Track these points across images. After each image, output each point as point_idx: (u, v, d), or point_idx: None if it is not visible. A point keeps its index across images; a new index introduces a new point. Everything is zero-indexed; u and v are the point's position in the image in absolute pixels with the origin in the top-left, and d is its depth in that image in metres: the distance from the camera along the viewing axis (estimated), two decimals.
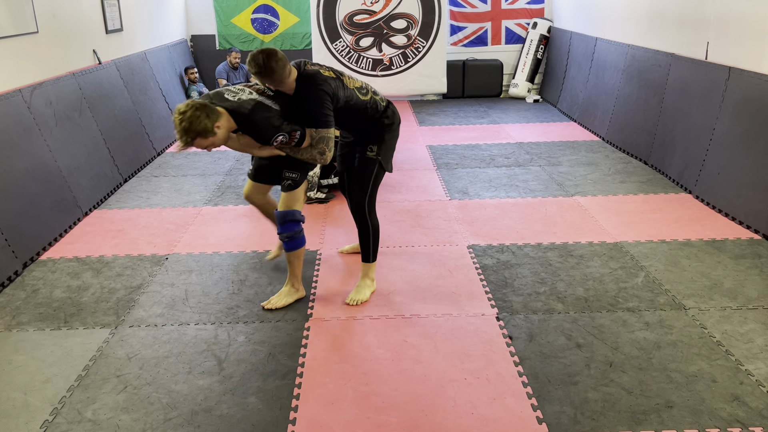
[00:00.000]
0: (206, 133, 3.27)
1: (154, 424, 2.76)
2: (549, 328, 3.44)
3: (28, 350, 3.35)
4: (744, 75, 4.92)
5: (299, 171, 3.62)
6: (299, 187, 3.63)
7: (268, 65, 3.35)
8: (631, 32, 7.07)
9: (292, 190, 3.61)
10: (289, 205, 3.63)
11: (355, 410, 2.82)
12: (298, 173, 3.62)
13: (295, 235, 3.65)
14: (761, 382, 2.93)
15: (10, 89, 4.76)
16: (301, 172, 3.63)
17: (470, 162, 6.67)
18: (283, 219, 3.63)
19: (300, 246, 3.71)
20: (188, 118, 3.22)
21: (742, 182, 4.82)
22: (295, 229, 3.64)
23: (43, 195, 4.79)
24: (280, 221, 3.64)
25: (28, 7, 5.16)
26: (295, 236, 3.66)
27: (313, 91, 3.44)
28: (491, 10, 10.19)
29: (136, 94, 7.11)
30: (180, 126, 3.24)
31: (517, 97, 10.14)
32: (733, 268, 4.09)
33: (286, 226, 3.63)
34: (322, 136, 3.46)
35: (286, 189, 3.62)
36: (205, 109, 3.27)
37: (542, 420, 2.73)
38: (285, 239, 3.66)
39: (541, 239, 4.62)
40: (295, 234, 3.65)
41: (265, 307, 3.70)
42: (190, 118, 3.22)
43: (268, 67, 3.35)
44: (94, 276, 4.20)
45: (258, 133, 3.45)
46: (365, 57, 9.88)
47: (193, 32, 10.21)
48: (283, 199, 3.64)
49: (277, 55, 3.35)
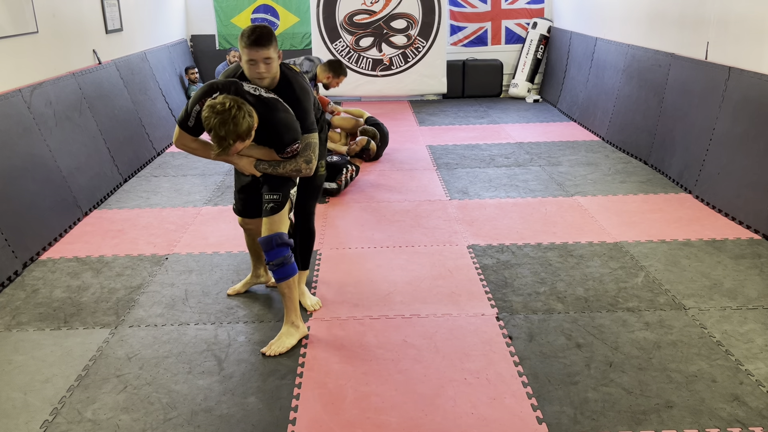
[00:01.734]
0: (248, 135, 2.88)
1: (154, 424, 2.76)
2: (549, 328, 3.44)
3: (28, 350, 3.35)
4: (744, 75, 4.92)
5: (280, 191, 3.21)
6: (283, 209, 3.22)
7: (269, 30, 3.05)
8: (631, 32, 7.07)
9: (274, 213, 3.19)
10: (273, 228, 3.18)
11: (355, 410, 2.82)
12: (279, 194, 3.20)
13: (285, 261, 3.20)
14: (761, 382, 2.93)
15: (10, 89, 4.76)
16: (283, 192, 3.21)
17: (470, 162, 6.67)
18: (270, 244, 3.17)
19: (292, 273, 3.24)
20: (232, 118, 2.80)
21: (742, 182, 4.82)
22: (284, 254, 3.19)
23: (43, 195, 4.78)
24: (267, 247, 3.18)
25: (28, 7, 5.16)
26: (285, 262, 3.20)
27: (299, 90, 3.16)
28: (491, 10, 10.19)
29: (136, 94, 7.11)
30: (224, 128, 2.80)
31: (517, 97, 10.14)
32: (733, 268, 4.09)
33: (274, 252, 3.18)
34: (308, 143, 3.16)
35: (269, 213, 3.19)
36: (245, 107, 2.86)
37: (542, 420, 2.73)
38: (274, 268, 3.20)
39: (541, 239, 4.62)
40: (286, 260, 3.20)
41: (266, 353, 3.24)
42: (235, 118, 2.80)
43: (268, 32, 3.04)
44: (94, 276, 4.20)
45: (277, 137, 3.02)
46: (365, 57, 9.88)
47: (193, 32, 10.21)
48: (266, 224, 3.20)
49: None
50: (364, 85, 9.95)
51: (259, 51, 3.03)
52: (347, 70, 6.07)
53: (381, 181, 6.11)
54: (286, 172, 3.18)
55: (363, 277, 4.10)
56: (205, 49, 10.19)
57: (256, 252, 3.84)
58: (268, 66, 3.07)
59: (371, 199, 5.58)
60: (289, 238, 3.24)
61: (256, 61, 3.05)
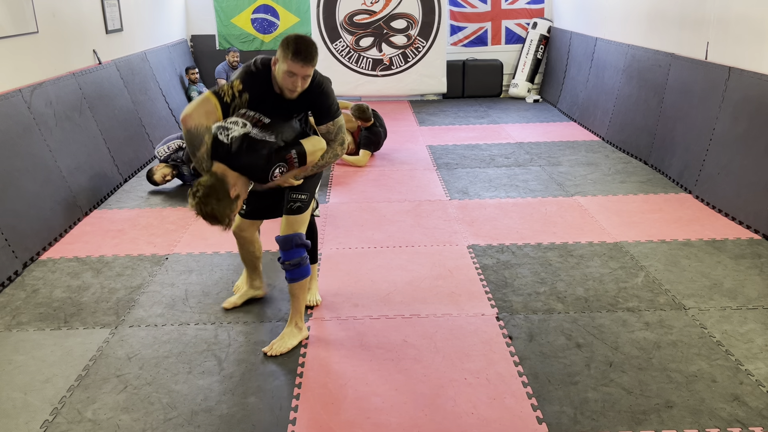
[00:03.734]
0: (226, 217, 2.90)
1: (154, 424, 2.76)
2: (549, 328, 3.44)
3: (28, 350, 3.35)
4: (744, 75, 4.92)
5: (308, 191, 3.20)
6: (307, 210, 3.23)
7: (316, 48, 2.93)
8: (631, 32, 7.07)
9: (299, 213, 3.19)
10: (294, 227, 3.17)
11: (355, 410, 2.82)
12: (308, 194, 3.20)
13: (302, 262, 3.20)
14: (761, 382, 2.93)
15: (10, 89, 4.76)
16: (311, 192, 3.22)
17: (470, 162, 6.67)
18: (289, 244, 3.16)
19: (306, 275, 3.24)
20: (211, 212, 2.86)
21: (742, 182, 4.82)
22: (302, 254, 3.19)
23: (43, 195, 4.79)
24: (286, 246, 3.17)
25: (28, 7, 5.16)
26: (301, 263, 3.20)
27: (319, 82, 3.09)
28: (491, 10, 10.19)
29: (136, 94, 7.11)
30: (210, 219, 2.90)
31: (517, 97, 10.14)
32: (733, 268, 4.09)
33: (292, 251, 3.17)
34: (339, 126, 3.16)
35: (294, 212, 3.19)
36: (216, 192, 2.87)
37: (542, 420, 2.73)
38: (289, 267, 3.20)
39: (541, 239, 4.62)
40: (302, 261, 3.20)
41: (268, 353, 3.25)
42: (213, 210, 2.87)
43: (315, 49, 2.93)
44: (94, 276, 4.20)
45: (252, 175, 3.01)
46: (365, 57, 9.88)
47: (193, 32, 10.21)
48: (288, 222, 3.19)
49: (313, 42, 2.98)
50: (364, 85, 9.96)
51: (304, 67, 2.93)
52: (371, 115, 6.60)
53: (381, 181, 6.11)
54: (326, 162, 3.17)
55: (363, 277, 4.10)
56: (205, 49, 10.19)
57: (251, 263, 3.71)
58: (304, 82, 3.00)
59: (371, 199, 5.58)
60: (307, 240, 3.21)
61: (295, 75, 2.95)
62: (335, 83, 11.09)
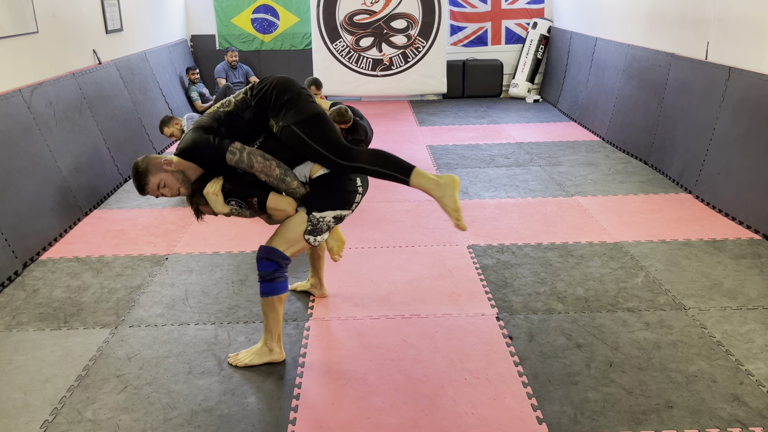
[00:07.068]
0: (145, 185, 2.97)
1: (154, 424, 2.76)
2: (549, 328, 3.44)
3: (28, 350, 3.35)
4: (744, 75, 4.92)
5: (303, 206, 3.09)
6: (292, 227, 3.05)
7: (141, 182, 2.99)
8: (631, 32, 7.07)
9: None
10: (273, 240, 3.06)
11: (355, 410, 2.82)
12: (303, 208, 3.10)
13: (266, 276, 3.03)
14: (761, 382, 2.93)
15: (10, 89, 4.76)
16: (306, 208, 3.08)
17: (470, 162, 6.67)
18: (260, 254, 3.05)
19: (272, 293, 3.04)
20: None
21: (742, 182, 4.82)
22: (269, 269, 3.02)
23: (43, 195, 4.79)
24: (257, 256, 3.07)
25: (28, 7, 5.16)
26: (266, 278, 3.03)
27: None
28: (491, 10, 10.19)
29: (136, 94, 7.11)
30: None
31: (517, 97, 10.14)
32: (733, 268, 4.09)
33: (260, 263, 3.04)
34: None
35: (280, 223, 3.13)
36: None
37: (542, 420, 2.73)
38: (259, 279, 3.07)
39: (541, 239, 4.61)
40: (267, 276, 3.02)
41: (230, 362, 3.17)
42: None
43: (142, 184, 2.99)
44: (94, 276, 4.20)
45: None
46: (365, 57, 9.88)
47: (193, 32, 10.21)
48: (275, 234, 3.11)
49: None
50: (364, 85, 9.95)
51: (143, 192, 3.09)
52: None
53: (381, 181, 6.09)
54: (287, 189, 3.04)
55: (363, 277, 4.10)
56: (205, 49, 10.19)
57: (313, 263, 3.76)
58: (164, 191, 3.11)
59: (371, 199, 5.58)
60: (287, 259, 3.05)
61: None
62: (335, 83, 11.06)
